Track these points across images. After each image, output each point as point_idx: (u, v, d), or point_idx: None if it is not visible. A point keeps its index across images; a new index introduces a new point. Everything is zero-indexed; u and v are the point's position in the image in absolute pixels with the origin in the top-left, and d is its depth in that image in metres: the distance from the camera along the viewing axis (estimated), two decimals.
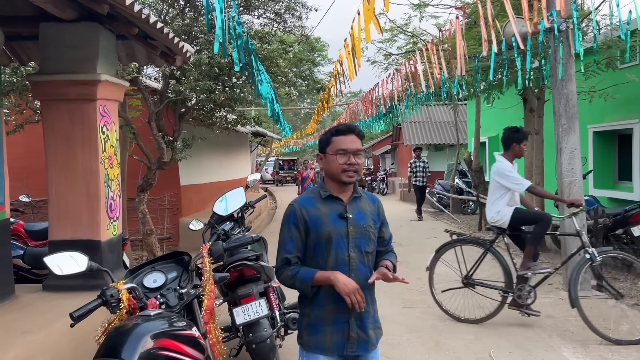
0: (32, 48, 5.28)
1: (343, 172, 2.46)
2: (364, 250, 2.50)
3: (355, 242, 2.48)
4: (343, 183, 2.49)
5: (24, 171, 9.05)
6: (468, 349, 4.89)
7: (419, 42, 13.93)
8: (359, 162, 2.50)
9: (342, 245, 2.46)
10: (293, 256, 2.48)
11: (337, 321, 2.47)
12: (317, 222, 2.46)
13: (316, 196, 2.53)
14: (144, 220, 7.95)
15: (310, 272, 2.44)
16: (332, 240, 2.45)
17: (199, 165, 11.93)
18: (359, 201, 2.56)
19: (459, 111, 20.62)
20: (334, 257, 2.46)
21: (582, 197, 6.84)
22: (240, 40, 5.32)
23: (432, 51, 7.40)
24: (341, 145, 2.48)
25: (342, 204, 2.50)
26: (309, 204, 2.51)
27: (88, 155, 4.36)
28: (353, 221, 2.49)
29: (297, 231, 2.48)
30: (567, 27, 6.56)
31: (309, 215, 2.47)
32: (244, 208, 4.68)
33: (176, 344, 2.33)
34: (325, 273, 2.42)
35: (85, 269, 2.54)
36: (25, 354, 3.12)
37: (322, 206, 2.50)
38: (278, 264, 2.53)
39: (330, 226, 2.46)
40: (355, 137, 2.51)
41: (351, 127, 2.55)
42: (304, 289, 2.46)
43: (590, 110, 9.41)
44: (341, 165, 2.46)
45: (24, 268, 5.28)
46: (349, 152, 2.47)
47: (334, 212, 2.48)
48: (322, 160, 2.56)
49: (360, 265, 2.49)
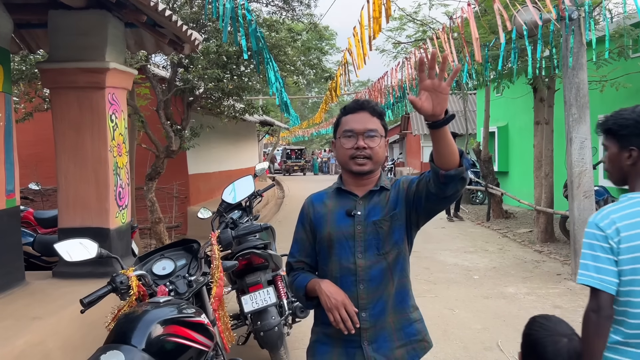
0: (41, 36, 5.29)
1: (351, 160, 1.99)
2: (375, 254, 1.98)
3: (365, 244, 1.98)
4: (353, 173, 2.03)
5: (33, 159, 9.11)
6: (475, 338, 4.89)
7: (428, 30, 13.81)
8: (371, 146, 1.98)
9: (347, 250, 1.99)
10: (295, 260, 2.16)
11: (345, 344, 2.00)
12: (320, 221, 2.07)
13: (330, 191, 2.14)
14: (152, 209, 7.99)
15: (305, 279, 2.07)
16: (334, 243, 2.01)
17: (207, 154, 11.95)
18: (379, 195, 2.04)
19: (468, 100, 20.48)
20: (337, 264, 2.01)
21: (592, 187, 6.79)
22: (250, 28, 5.30)
23: (443, 39, 7.34)
24: (346, 126, 2.03)
25: (353, 199, 2.04)
26: (318, 200, 2.14)
27: (97, 143, 4.38)
28: (362, 219, 2.00)
29: (304, 231, 2.13)
30: (578, 15, 6.48)
31: (314, 213, 2.10)
32: (253, 197, 4.69)
33: (185, 330, 2.33)
34: (315, 281, 2.02)
35: (95, 255, 2.55)
36: (36, 340, 3.15)
37: (330, 202, 2.09)
38: (285, 268, 2.25)
39: (331, 226, 2.03)
40: (368, 114, 2.02)
41: (362, 103, 2.07)
42: (300, 299, 2.10)
43: (602, 100, 9.32)
44: (347, 151, 2.00)
45: (34, 255, 5.32)
46: (357, 132, 1.99)
47: (341, 209, 2.04)
48: (335, 147, 2.13)
49: (374, 272, 1.97)
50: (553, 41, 7.29)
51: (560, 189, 9.15)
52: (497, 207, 12.52)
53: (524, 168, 13.76)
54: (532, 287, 6.48)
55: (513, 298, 6.00)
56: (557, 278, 6.95)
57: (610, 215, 1.86)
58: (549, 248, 8.91)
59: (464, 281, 6.91)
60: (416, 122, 25.07)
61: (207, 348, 2.45)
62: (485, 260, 8.17)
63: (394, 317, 2.00)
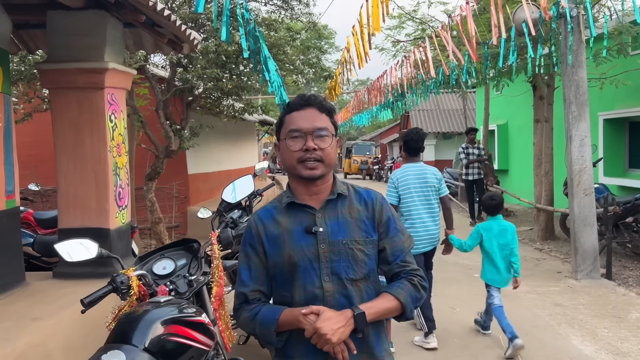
0: (40, 36, 5.29)
1: (300, 163, 1.74)
2: (345, 278, 1.73)
3: (332, 266, 1.73)
4: (303, 179, 1.76)
5: (32, 160, 9.11)
6: (476, 337, 4.89)
7: (427, 29, 13.81)
8: (321, 146, 1.73)
9: (312, 273, 1.73)
10: (250, 290, 1.79)
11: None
12: (275, 242, 1.77)
13: (279, 205, 1.83)
14: (152, 209, 7.98)
15: (273, 311, 1.73)
16: (296, 266, 1.73)
17: (207, 154, 11.95)
18: (339, 205, 1.80)
19: (468, 99, 20.50)
20: (301, 289, 1.73)
21: (592, 185, 6.79)
22: (248, 27, 5.29)
23: (443, 37, 7.34)
24: (292, 125, 1.76)
25: (311, 213, 1.77)
26: (267, 217, 1.81)
27: (96, 144, 4.38)
28: (326, 236, 1.74)
29: (256, 255, 1.79)
30: (578, 12, 6.48)
31: (266, 233, 1.79)
32: (252, 196, 4.68)
33: (186, 330, 2.33)
34: (291, 311, 1.70)
35: (95, 255, 2.55)
36: (36, 340, 3.15)
37: (283, 218, 1.79)
38: (235, 302, 1.84)
39: (291, 247, 1.74)
40: (316, 110, 1.77)
41: (308, 98, 1.79)
42: (268, 337, 1.74)
43: (601, 98, 9.32)
44: (295, 153, 1.74)
45: (34, 256, 5.32)
46: (305, 132, 1.73)
47: (298, 225, 1.76)
48: (279, 150, 1.84)
49: (341, 299, 1.72)
50: (552, 39, 7.28)
51: (560, 186, 9.16)
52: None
53: (523, 166, 13.77)
54: (533, 285, 6.47)
55: (513, 296, 5.99)
56: (557, 276, 6.95)
57: None
58: (549, 246, 8.91)
59: (465, 279, 6.91)
60: (416, 120, 25.07)
61: (208, 347, 2.45)
62: None
63: (368, 357, 1.76)
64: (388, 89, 12.33)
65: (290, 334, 1.73)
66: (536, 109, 9.85)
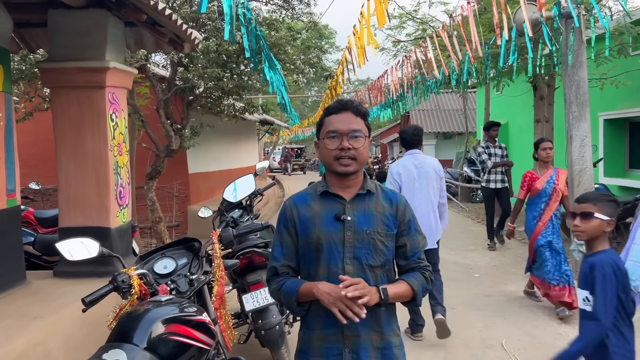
0: (41, 35, 5.29)
1: (336, 160, 1.98)
2: (365, 264, 1.98)
3: (354, 252, 1.97)
4: (338, 174, 2.01)
5: (33, 159, 9.11)
6: (477, 336, 4.89)
7: (428, 29, 13.81)
8: (355, 146, 1.97)
9: (336, 255, 1.97)
10: (281, 264, 2.06)
11: (326, 352, 1.98)
12: (307, 224, 2.02)
13: (313, 192, 2.09)
14: (152, 208, 7.99)
15: (295, 284, 2.00)
16: (323, 247, 1.98)
17: (207, 153, 11.95)
18: (367, 200, 2.04)
19: (468, 99, 20.50)
20: (325, 268, 1.98)
21: (592, 185, 6.78)
22: (250, 27, 5.29)
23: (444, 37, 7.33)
24: (330, 127, 2.01)
25: (341, 203, 2.02)
26: (302, 202, 2.07)
27: (97, 143, 4.38)
28: (353, 225, 1.98)
29: (288, 234, 2.06)
30: (578, 12, 6.47)
31: (299, 215, 2.04)
32: (253, 195, 4.69)
33: (187, 329, 2.34)
34: (309, 284, 1.96)
35: (96, 254, 2.55)
36: (37, 339, 3.15)
37: (316, 205, 2.04)
38: (267, 274, 2.13)
39: (320, 230, 1.99)
40: (352, 114, 2.01)
41: (345, 103, 2.05)
42: (290, 306, 2.02)
43: (601, 98, 9.31)
44: (332, 152, 1.98)
45: (35, 255, 5.33)
46: (341, 133, 1.97)
47: (329, 212, 2.01)
48: (318, 148, 2.10)
49: None
50: (553, 39, 7.28)
51: None
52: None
53: (524, 166, 13.75)
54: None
55: (514, 296, 6.00)
56: None
57: None
58: None
59: (465, 279, 6.91)
60: (416, 120, 25.06)
61: (208, 347, 2.45)
62: (486, 259, 8.16)
63: (377, 335, 2.00)
64: (389, 88, 12.32)
65: (310, 306, 1.99)
66: (536, 109, 9.84)
